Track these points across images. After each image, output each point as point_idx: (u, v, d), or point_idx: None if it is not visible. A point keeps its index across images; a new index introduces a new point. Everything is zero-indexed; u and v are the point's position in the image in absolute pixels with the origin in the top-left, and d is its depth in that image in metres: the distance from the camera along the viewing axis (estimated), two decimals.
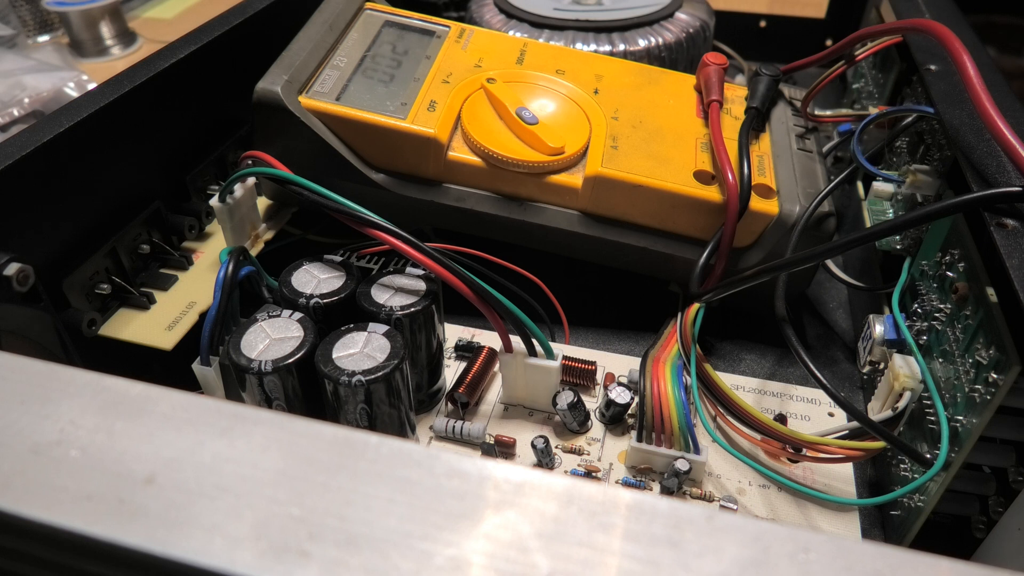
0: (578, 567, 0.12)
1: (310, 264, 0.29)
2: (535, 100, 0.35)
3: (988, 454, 0.23)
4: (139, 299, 0.31)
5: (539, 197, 0.33)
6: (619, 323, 0.37)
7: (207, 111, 0.36)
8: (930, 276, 0.26)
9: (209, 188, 0.36)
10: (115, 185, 0.31)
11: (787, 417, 0.31)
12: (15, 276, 0.25)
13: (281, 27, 0.37)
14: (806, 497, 0.28)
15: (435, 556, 0.13)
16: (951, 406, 0.23)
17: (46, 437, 0.15)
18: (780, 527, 0.13)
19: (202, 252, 0.34)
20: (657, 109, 0.36)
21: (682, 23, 0.47)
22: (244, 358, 0.25)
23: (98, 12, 0.67)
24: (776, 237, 0.32)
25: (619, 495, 0.13)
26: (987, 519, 0.24)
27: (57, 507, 0.13)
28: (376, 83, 0.35)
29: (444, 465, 0.14)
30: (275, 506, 0.13)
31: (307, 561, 0.13)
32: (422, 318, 0.28)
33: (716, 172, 0.33)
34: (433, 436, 0.30)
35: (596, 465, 0.29)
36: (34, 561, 0.15)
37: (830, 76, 0.35)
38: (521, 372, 0.29)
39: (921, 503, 0.25)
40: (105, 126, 0.30)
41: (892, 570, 0.12)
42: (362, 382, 0.24)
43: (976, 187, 0.24)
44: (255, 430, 0.15)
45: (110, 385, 0.16)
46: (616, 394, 0.29)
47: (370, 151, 0.34)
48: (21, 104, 0.53)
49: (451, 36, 0.38)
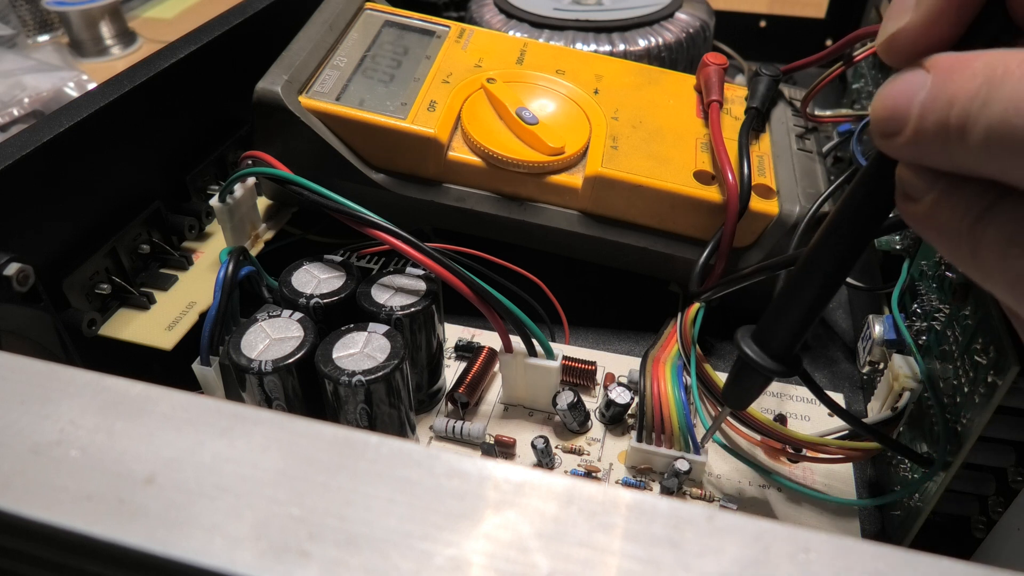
0: (578, 567, 0.12)
1: (310, 264, 0.29)
2: (535, 100, 0.35)
3: (988, 454, 0.23)
4: (139, 299, 0.31)
5: (539, 197, 0.33)
6: (619, 323, 0.37)
7: (207, 111, 0.36)
8: (930, 276, 0.26)
9: (209, 188, 0.36)
10: (115, 185, 0.31)
11: (787, 417, 0.31)
12: (15, 276, 0.25)
13: (281, 27, 0.37)
14: (806, 497, 0.28)
15: (435, 556, 0.13)
16: (950, 406, 0.23)
17: (46, 437, 0.15)
18: (780, 527, 0.13)
19: (202, 252, 0.34)
20: (657, 109, 0.36)
21: (682, 23, 0.47)
22: (244, 358, 0.25)
23: (98, 12, 0.67)
24: (776, 237, 0.32)
25: (619, 495, 0.13)
26: (987, 519, 0.24)
27: (57, 507, 0.13)
28: (376, 83, 0.35)
29: (444, 465, 0.14)
30: (275, 506, 0.13)
31: (307, 561, 0.13)
32: (422, 318, 0.28)
33: (716, 172, 0.33)
34: (433, 436, 0.30)
35: (596, 465, 0.29)
36: (34, 561, 0.15)
37: (830, 76, 0.35)
38: (521, 372, 0.29)
39: (921, 503, 0.25)
40: (105, 126, 0.30)
41: (892, 570, 0.12)
42: (362, 382, 0.24)
43: None
44: (255, 430, 0.15)
45: (110, 385, 0.16)
46: (616, 394, 0.29)
47: (370, 151, 0.34)
48: (21, 104, 0.53)
49: (451, 36, 0.38)
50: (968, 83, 0.13)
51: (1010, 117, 0.12)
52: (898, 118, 0.14)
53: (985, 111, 0.12)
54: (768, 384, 0.22)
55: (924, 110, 0.13)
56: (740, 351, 0.21)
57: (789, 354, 0.20)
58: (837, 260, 0.18)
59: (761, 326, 0.21)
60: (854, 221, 0.17)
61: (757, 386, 0.22)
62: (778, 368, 0.20)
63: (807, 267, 0.19)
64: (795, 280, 0.19)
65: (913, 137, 0.14)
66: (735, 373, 0.22)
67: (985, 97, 0.12)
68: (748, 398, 0.23)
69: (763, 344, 0.20)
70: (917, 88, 0.14)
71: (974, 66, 0.13)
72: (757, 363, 0.20)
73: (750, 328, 0.21)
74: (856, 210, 0.17)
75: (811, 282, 0.19)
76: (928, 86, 0.13)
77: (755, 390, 0.22)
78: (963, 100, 0.13)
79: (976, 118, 0.12)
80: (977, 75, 0.13)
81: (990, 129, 0.12)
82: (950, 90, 0.13)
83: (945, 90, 0.13)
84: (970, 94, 0.13)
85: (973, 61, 0.13)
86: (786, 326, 0.20)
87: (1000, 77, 0.12)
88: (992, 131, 0.12)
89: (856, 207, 0.17)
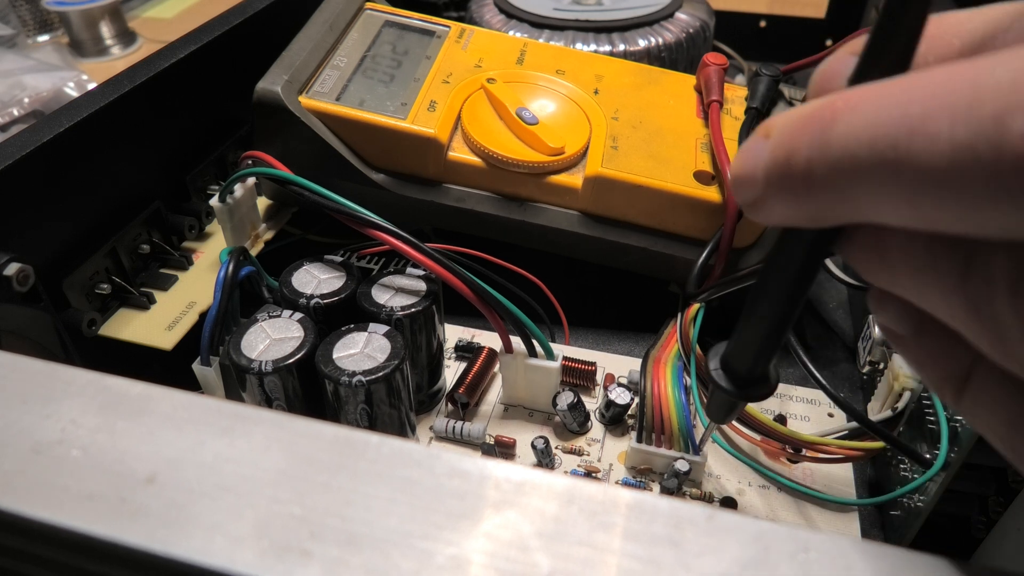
0: (578, 566, 0.12)
1: (310, 264, 0.29)
2: (535, 100, 0.35)
3: (988, 454, 0.23)
4: (139, 299, 0.31)
5: (539, 197, 0.33)
6: (619, 323, 0.37)
7: (207, 111, 0.36)
8: None
9: (209, 188, 0.36)
10: (115, 185, 0.31)
11: (787, 417, 0.31)
12: (15, 276, 0.25)
13: (281, 27, 0.37)
14: (806, 497, 0.28)
15: (436, 555, 0.13)
16: (951, 406, 0.23)
17: (47, 437, 0.15)
18: (780, 527, 0.13)
19: (202, 252, 0.34)
20: (657, 109, 0.36)
21: (682, 23, 0.47)
22: (244, 358, 0.25)
23: (98, 12, 0.67)
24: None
25: (619, 494, 0.13)
26: (987, 519, 0.24)
27: (58, 506, 0.13)
28: (376, 83, 0.35)
29: (445, 465, 0.14)
30: (276, 505, 0.13)
31: (308, 560, 0.13)
32: (422, 318, 0.28)
33: (716, 172, 0.33)
34: (433, 436, 0.30)
35: (596, 466, 0.29)
36: (36, 560, 0.15)
37: None
38: (521, 373, 0.29)
39: (921, 503, 0.25)
40: (105, 126, 0.30)
41: (892, 570, 0.12)
42: (362, 382, 0.24)
43: None
44: (256, 430, 0.15)
45: (111, 385, 0.16)
46: (616, 395, 0.29)
47: (370, 151, 0.34)
48: (21, 104, 0.53)
49: (451, 36, 0.38)
50: (801, 130, 0.13)
51: (850, 148, 0.12)
52: (747, 182, 0.14)
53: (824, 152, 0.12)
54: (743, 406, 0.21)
55: (768, 169, 0.13)
56: (706, 373, 0.20)
57: (755, 375, 0.19)
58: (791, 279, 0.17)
59: (728, 346, 0.19)
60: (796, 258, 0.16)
61: (729, 406, 0.21)
62: (741, 393, 0.19)
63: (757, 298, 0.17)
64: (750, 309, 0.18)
65: (764, 197, 0.14)
66: (711, 392, 0.22)
67: (820, 139, 0.12)
68: (727, 415, 0.22)
69: (729, 365, 0.19)
70: (760, 152, 0.14)
71: (806, 113, 0.13)
72: (721, 387, 0.19)
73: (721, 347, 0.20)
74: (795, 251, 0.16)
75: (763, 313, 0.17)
76: (769, 148, 0.14)
77: (730, 410, 0.22)
78: (800, 148, 0.13)
79: (817, 161, 0.12)
80: (810, 120, 0.13)
81: (832, 167, 0.12)
82: (786, 145, 0.13)
83: (782, 146, 0.13)
84: (806, 141, 0.13)
85: (807, 110, 0.13)
86: (747, 352, 0.19)
87: (831, 116, 0.12)
88: (834, 168, 0.12)
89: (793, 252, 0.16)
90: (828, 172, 0.12)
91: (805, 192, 0.13)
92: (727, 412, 0.22)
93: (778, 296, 0.17)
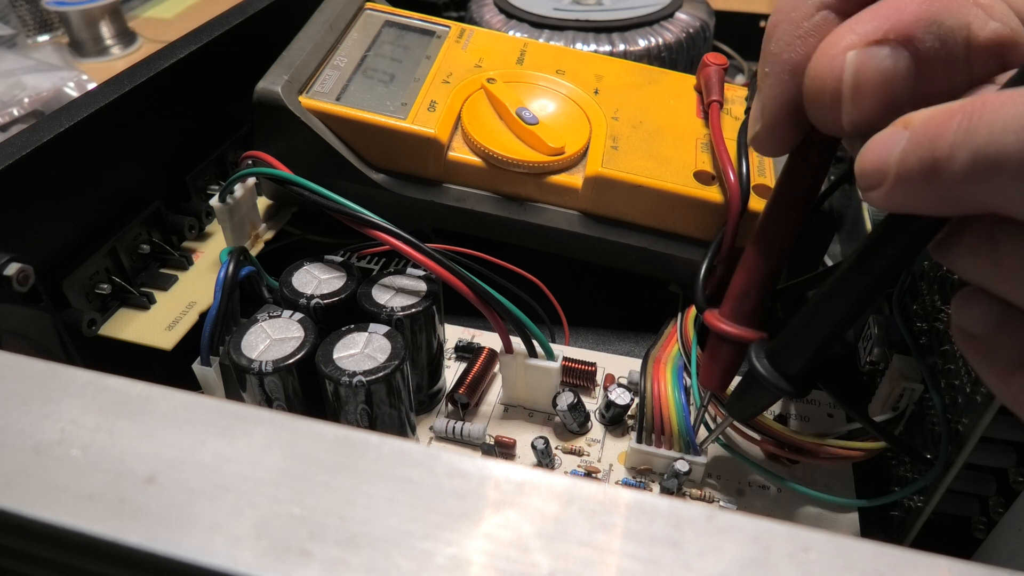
0: (579, 566, 0.12)
1: (310, 264, 0.29)
2: (535, 100, 0.35)
3: (988, 454, 0.23)
4: (139, 299, 0.31)
5: (539, 197, 0.33)
6: (619, 324, 0.37)
7: (207, 111, 0.36)
8: (930, 276, 0.26)
9: (209, 188, 0.36)
10: (115, 185, 0.31)
11: (787, 417, 0.31)
12: (15, 276, 0.25)
13: (281, 27, 0.37)
14: (806, 497, 0.28)
15: (436, 555, 0.13)
16: (951, 406, 0.23)
17: (47, 437, 0.15)
18: (780, 527, 0.13)
19: (202, 252, 0.34)
20: (657, 109, 0.36)
21: (682, 23, 0.47)
22: (244, 358, 0.25)
23: (98, 12, 0.67)
24: None
25: (619, 495, 0.13)
26: (987, 519, 0.24)
27: (58, 506, 0.13)
28: (376, 83, 0.35)
29: (445, 465, 0.14)
30: (276, 505, 0.13)
31: (308, 560, 0.13)
32: (423, 319, 0.28)
33: (717, 172, 0.33)
34: (433, 437, 0.30)
35: (596, 466, 0.29)
36: (35, 560, 0.15)
37: None
38: (521, 373, 0.29)
39: (921, 503, 0.25)
40: (105, 126, 0.30)
41: (892, 570, 0.12)
42: (363, 383, 0.24)
43: None
44: (256, 430, 0.15)
45: (111, 385, 0.16)
46: (616, 395, 0.29)
47: (370, 151, 0.34)
48: (21, 104, 0.53)
49: (451, 36, 0.38)
50: (948, 119, 0.13)
51: (996, 136, 0.12)
52: (880, 168, 0.14)
53: (969, 138, 0.13)
54: (776, 401, 0.22)
55: (905, 154, 0.14)
56: (753, 368, 0.21)
57: (801, 375, 0.20)
58: (864, 292, 0.18)
59: (777, 345, 0.21)
60: (883, 262, 0.17)
61: (764, 402, 0.22)
62: (789, 388, 0.20)
63: (832, 295, 0.19)
64: (818, 306, 0.19)
65: (896, 180, 0.14)
66: (743, 387, 0.22)
67: (968, 126, 0.13)
68: (753, 412, 0.23)
69: (777, 363, 0.20)
70: (897, 140, 0.14)
71: (952, 107, 0.13)
72: (769, 382, 0.20)
73: (765, 344, 0.21)
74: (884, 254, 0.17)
75: (835, 310, 0.19)
76: (908, 136, 0.14)
77: (761, 406, 0.22)
78: (945, 134, 0.13)
79: (960, 146, 0.13)
80: (956, 112, 0.13)
81: (977, 152, 0.13)
82: (930, 132, 0.13)
83: (925, 134, 0.14)
84: (952, 128, 0.13)
85: (951, 105, 0.13)
86: (803, 349, 0.20)
87: (980, 108, 0.13)
88: (979, 153, 0.12)
89: (882, 253, 0.17)
90: (970, 157, 0.13)
91: (940, 178, 0.13)
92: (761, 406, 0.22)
93: (862, 288, 0.18)
